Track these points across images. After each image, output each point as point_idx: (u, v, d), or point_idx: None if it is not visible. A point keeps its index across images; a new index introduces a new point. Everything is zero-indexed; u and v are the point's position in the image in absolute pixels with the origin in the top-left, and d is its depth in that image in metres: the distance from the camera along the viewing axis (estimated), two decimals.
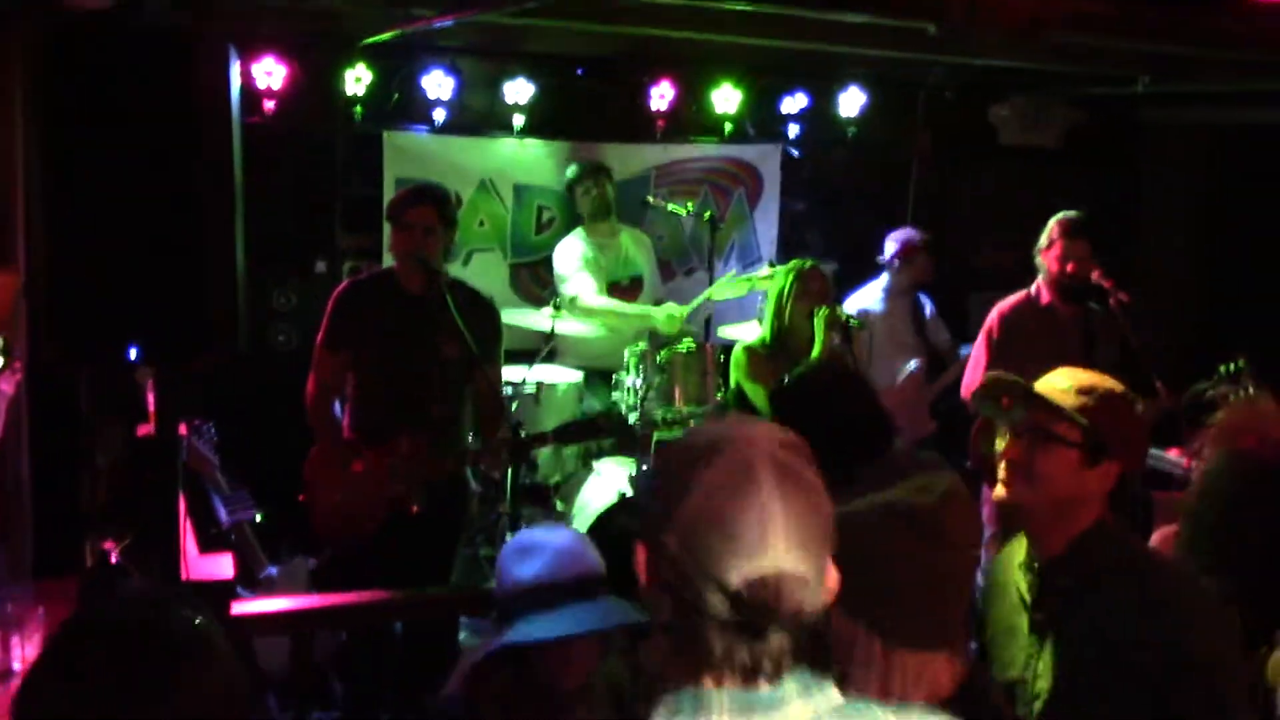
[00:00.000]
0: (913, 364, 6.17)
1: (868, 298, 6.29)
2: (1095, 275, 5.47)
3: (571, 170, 6.55)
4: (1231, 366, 4.89)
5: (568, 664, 2.38)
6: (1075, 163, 7.69)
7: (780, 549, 1.39)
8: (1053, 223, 5.32)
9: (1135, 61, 6.25)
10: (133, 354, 2.65)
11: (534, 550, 2.42)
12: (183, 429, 4.56)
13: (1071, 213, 5.33)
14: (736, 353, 5.20)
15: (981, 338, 5.41)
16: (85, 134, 2.69)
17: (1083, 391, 2.51)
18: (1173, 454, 5.34)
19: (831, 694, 1.45)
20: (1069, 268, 5.27)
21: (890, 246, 6.28)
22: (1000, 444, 2.67)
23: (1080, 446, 2.43)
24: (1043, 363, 5.35)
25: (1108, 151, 7.95)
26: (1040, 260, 5.35)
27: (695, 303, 6.18)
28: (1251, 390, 4.70)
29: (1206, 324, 5.87)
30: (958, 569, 1.94)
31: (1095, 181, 7.66)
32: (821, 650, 1.49)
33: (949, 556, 1.91)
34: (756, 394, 5.09)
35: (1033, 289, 5.40)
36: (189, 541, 3.85)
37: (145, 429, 3.72)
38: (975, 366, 5.40)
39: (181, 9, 4.92)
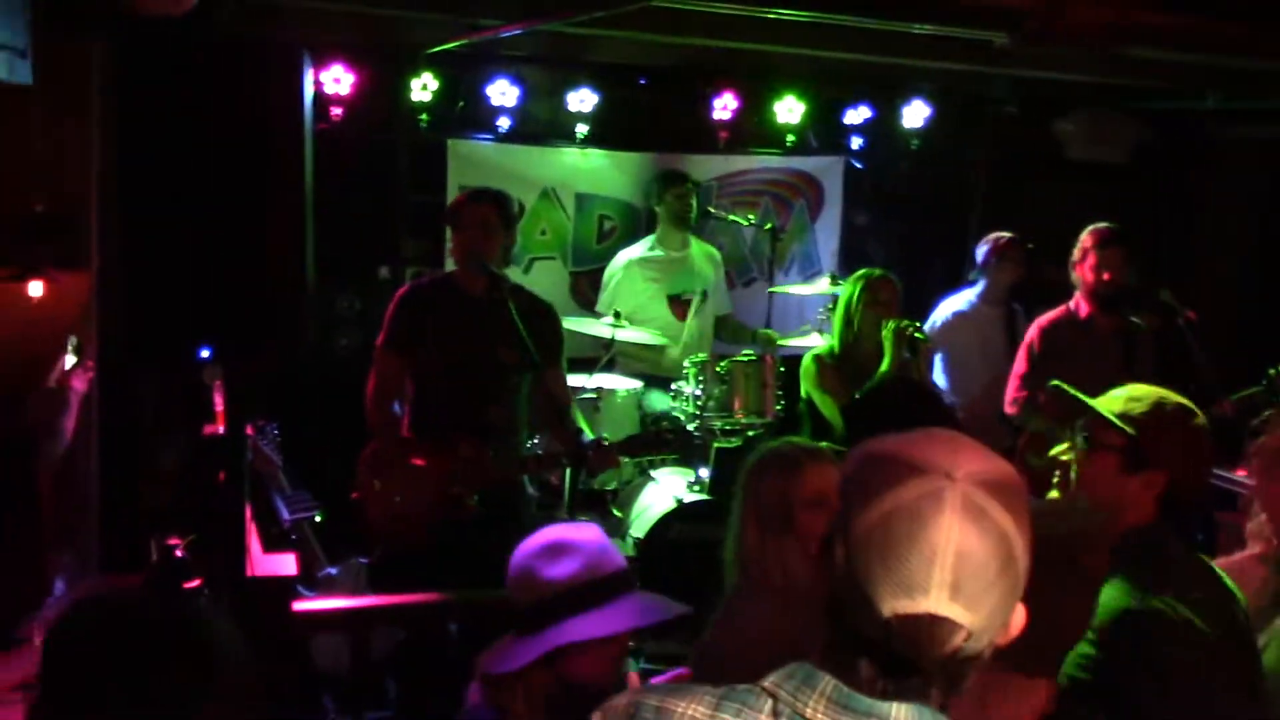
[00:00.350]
0: None
1: (958, 303, 6.19)
2: (1165, 294, 5.43)
3: (661, 175, 6.49)
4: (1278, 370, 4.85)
5: (608, 660, 2.35)
6: (1141, 179, 7.59)
7: (943, 594, 1.32)
8: (1085, 234, 5.28)
9: (1203, 76, 6.17)
10: (204, 354, 2.71)
11: (566, 549, 2.36)
12: (249, 429, 4.64)
13: (1104, 223, 5.28)
14: (806, 362, 5.19)
15: (1022, 351, 5.42)
16: (159, 140, 2.75)
17: (1133, 399, 2.51)
18: (1240, 474, 5.26)
19: None
20: (1105, 277, 5.23)
21: (983, 248, 6.19)
22: (1053, 454, 2.65)
23: (1121, 451, 2.42)
24: (1083, 375, 5.33)
25: (1175, 168, 7.84)
26: (1075, 273, 5.32)
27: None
28: None
29: (1269, 342, 5.76)
30: (1083, 600, 1.90)
31: (1161, 197, 7.57)
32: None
33: (1078, 588, 1.88)
34: (825, 404, 5.08)
35: (1072, 303, 5.36)
36: (253, 540, 3.91)
37: (211, 428, 3.78)
38: (1016, 379, 5.38)
39: (253, 17, 5.03)
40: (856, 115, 7.17)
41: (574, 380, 5.72)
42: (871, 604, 1.33)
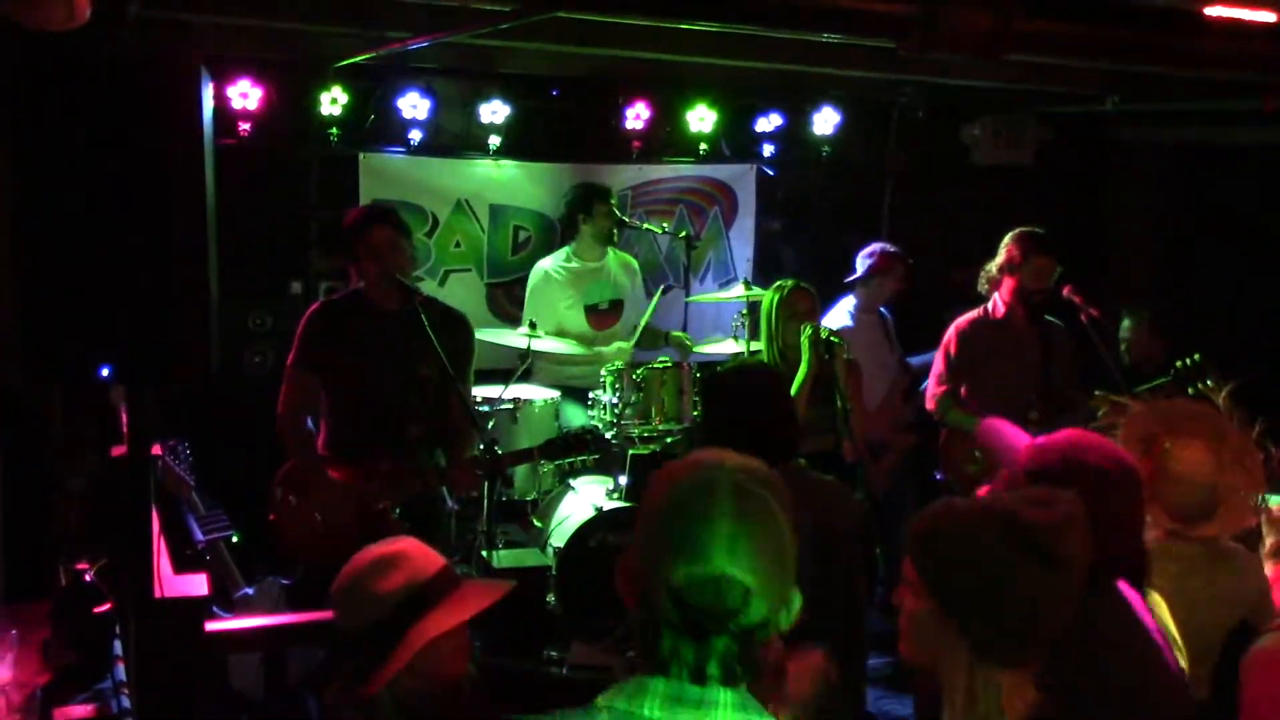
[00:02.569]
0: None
1: (839, 317, 6.31)
2: (1066, 291, 5.54)
3: (588, 190, 6.40)
4: (1187, 361, 4.98)
5: (460, 653, 2.44)
6: (1046, 181, 7.76)
7: (723, 555, 1.55)
8: (1017, 239, 5.36)
9: (1101, 80, 6.33)
10: (104, 374, 2.66)
11: (389, 561, 2.45)
12: (158, 449, 4.56)
13: (1035, 229, 5.39)
14: None
15: (940, 352, 5.49)
16: (56, 155, 2.70)
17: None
18: None
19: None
20: (1040, 284, 5.33)
21: (862, 262, 6.30)
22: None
23: None
24: (1002, 374, 5.45)
25: (1078, 169, 8.03)
26: (1002, 276, 5.39)
27: (636, 334, 6.22)
28: (1209, 384, 4.78)
29: (1173, 338, 5.94)
30: (1066, 592, 1.93)
31: (1065, 199, 7.75)
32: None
33: (1060, 579, 1.91)
34: None
35: (989, 304, 5.44)
36: (164, 561, 3.85)
37: (119, 450, 3.72)
38: (935, 377, 5.48)
39: (153, 31, 4.96)
40: (768, 123, 7.25)
41: (491, 391, 5.72)
42: (664, 577, 1.55)
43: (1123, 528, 2.47)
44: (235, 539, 4.80)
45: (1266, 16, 4.05)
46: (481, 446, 4.49)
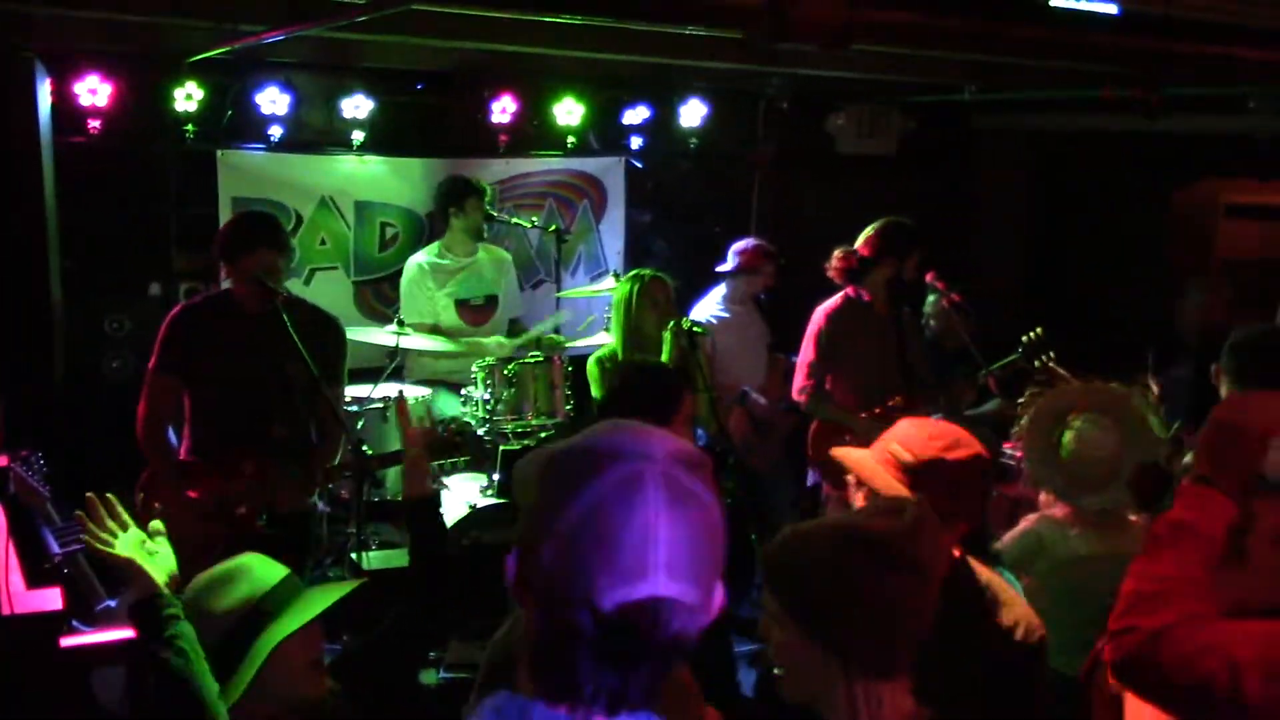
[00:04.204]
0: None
1: (710, 306, 6.37)
2: (929, 277, 5.66)
3: (458, 184, 6.32)
4: (1031, 336, 5.16)
5: (309, 666, 2.41)
6: (910, 169, 7.93)
7: (662, 574, 1.29)
8: (898, 231, 5.44)
9: (959, 70, 6.48)
10: None
11: (225, 578, 2.44)
12: (6, 460, 4.39)
13: (903, 219, 5.49)
14: (590, 366, 5.28)
15: (810, 339, 5.51)
16: None
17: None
18: (1008, 447, 5.56)
19: None
20: (908, 276, 5.45)
21: (733, 257, 6.36)
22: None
23: None
24: (866, 359, 5.55)
25: (941, 157, 8.23)
26: (877, 264, 5.46)
27: (522, 339, 6.19)
28: (1052, 356, 4.97)
29: (1035, 318, 6.13)
30: (923, 595, 1.93)
31: (930, 187, 7.92)
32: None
33: (914, 583, 1.91)
34: None
35: (854, 290, 5.50)
36: (16, 577, 3.71)
37: None
38: (804, 367, 5.51)
39: None
40: (635, 115, 7.27)
41: (361, 390, 5.64)
42: (591, 599, 1.28)
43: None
44: None
45: (1109, 8, 4.19)
46: (349, 446, 4.42)
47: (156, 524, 2.48)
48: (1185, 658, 1.92)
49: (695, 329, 5.07)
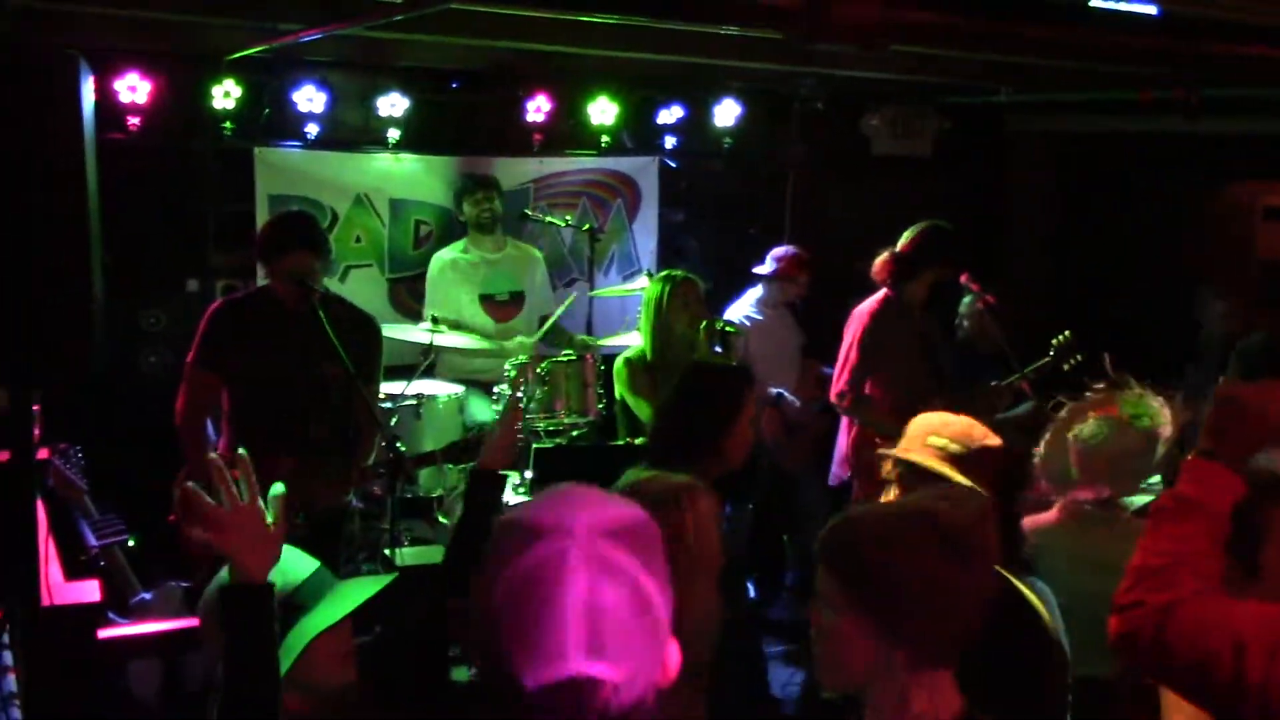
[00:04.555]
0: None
1: (744, 308, 6.37)
2: (964, 278, 5.63)
3: (462, 181, 6.55)
4: (1061, 339, 5.12)
5: (339, 658, 2.36)
6: (944, 171, 7.90)
7: (580, 655, 1.27)
8: (941, 237, 5.37)
9: (994, 72, 6.45)
10: None
11: None
12: (47, 453, 4.45)
13: (938, 223, 5.44)
14: (617, 365, 5.27)
15: (854, 341, 5.42)
16: None
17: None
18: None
19: None
20: (944, 275, 5.42)
21: (771, 262, 6.36)
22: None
23: None
24: (905, 363, 5.51)
25: (975, 159, 8.18)
26: (921, 268, 5.38)
27: (541, 331, 6.22)
28: (1081, 358, 4.94)
29: (1066, 321, 6.09)
30: (982, 586, 1.92)
31: (963, 188, 7.88)
32: None
33: (976, 572, 1.90)
34: (639, 406, 5.16)
35: (894, 293, 5.43)
36: (54, 569, 3.75)
37: (4, 455, 3.62)
38: (846, 371, 5.43)
39: (36, 23, 4.82)
40: (669, 115, 7.26)
41: (394, 387, 5.67)
42: (514, 679, 1.27)
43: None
44: (131, 543, 4.70)
45: (1148, 9, 4.15)
46: (384, 444, 4.45)
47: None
48: (1189, 635, 1.91)
49: (729, 328, 5.08)
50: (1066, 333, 5.13)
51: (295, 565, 2.42)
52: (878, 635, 1.88)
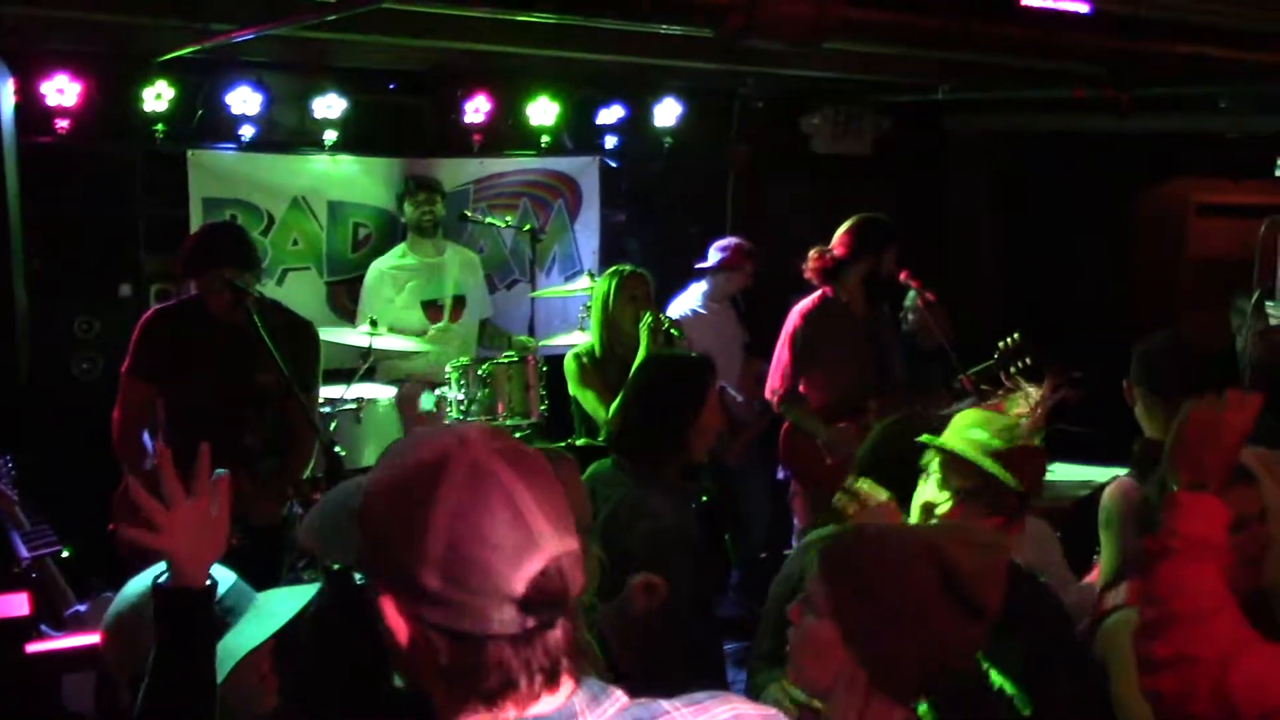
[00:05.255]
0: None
1: (689, 302, 6.38)
2: (903, 276, 5.66)
3: (404, 183, 6.50)
4: (1009, 340, 5.16)
5: (261, 668, 2.26)
6: (885, 170, 7.95)
7: (548, 534, 1.30)
8: (873, 227, 5.43)
9: (933, 70, 6.50)
10: None
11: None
12: None
13: (873, 216, 5.49)
14: (567, 362, 5.27)
15: (785, 339, 5.47)
16: None
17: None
18: None
19: (618, 696, 1.37)
20: (891, 270, 5.46)
21: (715, 254, 6.38)
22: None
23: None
24: (841, 360, 5.56)
25: (915, 158, 8.24)
26: (853, 263, 5.44)
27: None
28: (1029, 362, 4.96)
29: (1007, 318, 6.15)
30: (972, 641, 1.88)
31: (904, 187, 7.94)
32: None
33: (972, 627, 1.85)
34: (589, 400, 5.15)
35: (831, 290, 5.47)
36: None
37: None
38: (780, 368, 5.48)
39: None
40: (610, 115, 7.23)
41: (334, 391, 5.61)
42: (502, 591, 1.27)
43: None
44: (65, 554, 4.60)
45: (1080, 7, 4.20)
46: (323, 450, 4.40)
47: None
48: (1256, 688, 1.88)
49: (673, 330, 5.09)
50: (1015, 335, 5.16)
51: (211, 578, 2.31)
52: (848, 650, 1.86)
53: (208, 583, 2.01)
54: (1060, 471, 5.15)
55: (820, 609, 1.91)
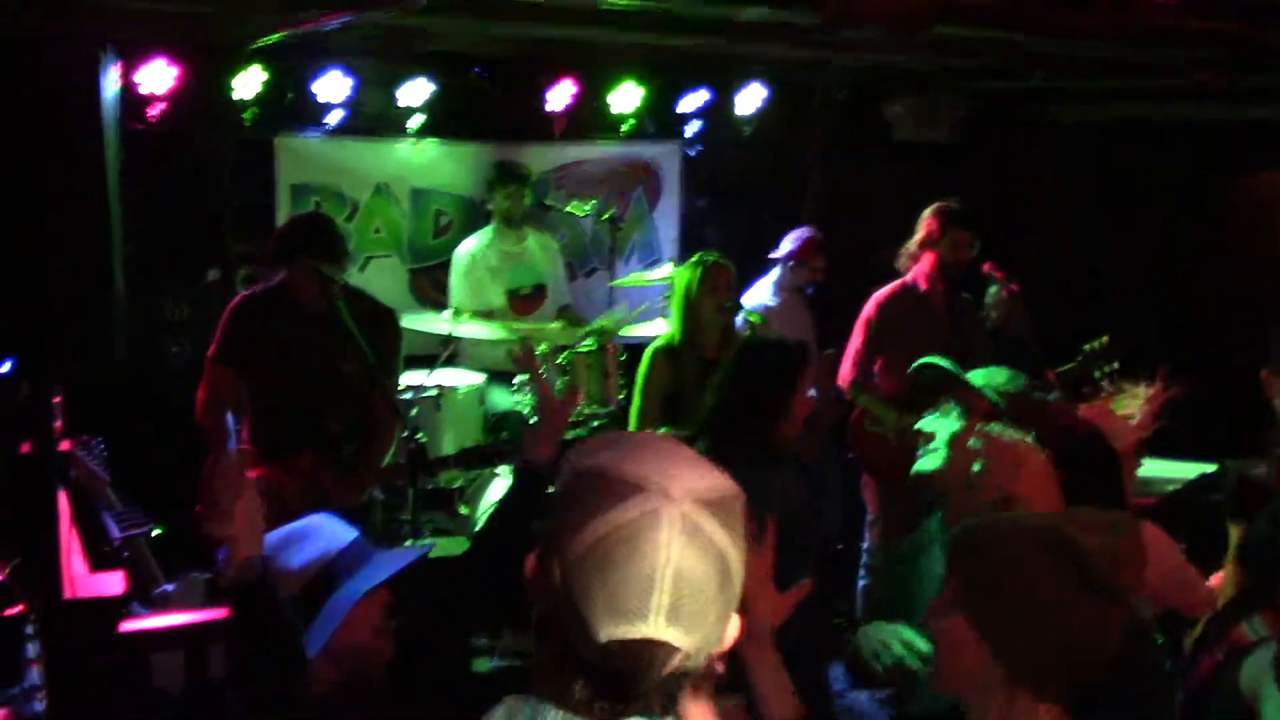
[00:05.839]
0: None
1: (761, 294, 6.33)
2: (987, 267, 5.58)
3: (495, 171, 6.46)
4: (1096, 345, 5.04)
5: (374, 627, 2.37)
6: (967, 157, 7.81)
7: (661, 620, 1.29)
8: (935, 214, 5.40)
9: (1025, 57, 6.37)
10: (4, 369, 2.57)
11: (301, 534, 2.41)
12: (70, 445, 4.44)
13: (951, 203, 5.42)
14: (647, 355, 5.21)
15: (859, 327, 5.47)
16: None
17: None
18: None
19: None
20: (958, 257, 5.38)
21: (787, 245, 6.33)
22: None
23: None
24: (918, 349, 5.50)
25: (999, 146, 8.10)
26: (922, 251, 5.41)
27: (587, 329, 6.13)
28: (1115, 367, 4.85)
29: (1088, 312, 6.02)
30: (1110, 626, 1.80)
31: (986, 175, 7.80)
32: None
33: (1107, 610, 1.79)
34: (635, 402, 5.07)
35: (909, 278, 5.45)
36: (78, 561, 3.75)
37: (25, 447, 3.60)
38: (851, 354, 5.45)
39: (60, 13, 4.80)
40: (692, 101, 7.19)
41: (415, 378, 5.64)
42: (588, 628, 1.30)
43: None
44: (155, 534, 4.69)
45: None
46: (404, 436, 4.43)
47: None
48: None
49: (753, 318, 5.06)
50: (1103, 338, 5.04)
51: (335, 534, 2.41)
52: (990, 651, 1.81)
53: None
54: (1148, 467, 5.04)
55: (954, 603, 1.87)
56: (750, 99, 7.23)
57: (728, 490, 1.39)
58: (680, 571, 1.29)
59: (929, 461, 2.83)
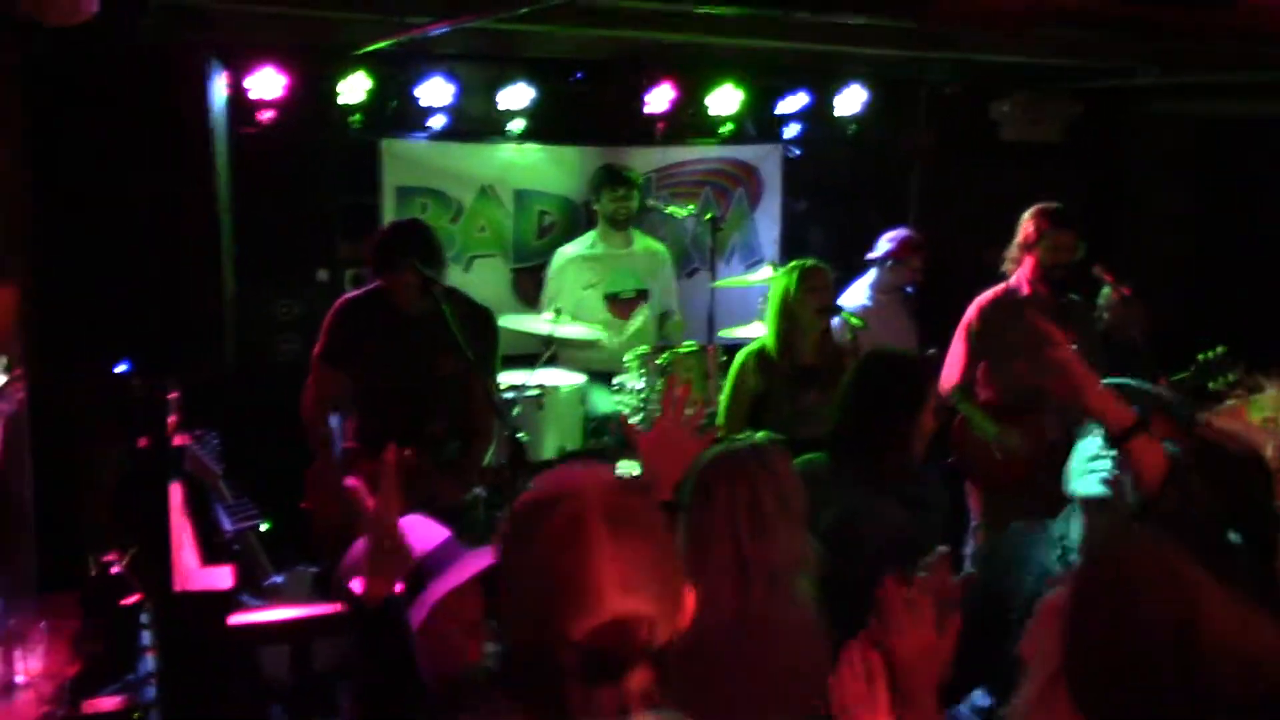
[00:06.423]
0: None
1: (858, 295, 6.27)
2: (1096, 269, 5.45)
3: (601, 173, 6.46)
4: (1211, 354, 4.88)
5: (470, 631, 2.35)
6: (1076, 156, 7.65)
7: (615, 596, 1.43)
8: (1034, 215, 5.27)
9: (1136, 54, 6.22)
10: (123, 368, 2.66)
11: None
12: (185, 439, 4.58)
13: (1049, 204, 5.30)
14: (741, 354, 5.19)
15: (960, 331, 5.35)
16: (72, 152, 2.70)
17: None
18: None
19: None
20: (1058, 259, 5.25)
21: (884, 245, 6.27)
22: None
23: None
24: (1020, 355, 5.36)
25: (1108, 145, 7.91)
26: (1022, 254, 5.30)
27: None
28: (1231, 377, 4.69)
29: (1201, 315, 5.85)
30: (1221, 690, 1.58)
31: (1095, 174, 7.64)
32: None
33: (1222, 674, 1.57)
34: (721, 405, 5.05)
35: (1012, 280, 5.34)
36: (189, 552, 3.86)
37: (142, 441, 3.72)
38: (954, 360, 5.35)
39: (174, 23, 4.95)
40: (793, 103, 7.16)
41: (517, 377, 5.70)
42: (561, 635, 1.42)
43: None
44: (265, 527, 4.81)
45: None
46: (505, 435, 4.49)
47: None
48: None
49: (854, 321, 5.01)
50: (1219, 348, 4.88)
51: (425, 534, 2.44)
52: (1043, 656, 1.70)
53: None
54: None
55: (1047, 662, 1.66)
56: (850, 100, 7.17)
57: (636, 483, 1.62)
58: (618, 550, 1.44)
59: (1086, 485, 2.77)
